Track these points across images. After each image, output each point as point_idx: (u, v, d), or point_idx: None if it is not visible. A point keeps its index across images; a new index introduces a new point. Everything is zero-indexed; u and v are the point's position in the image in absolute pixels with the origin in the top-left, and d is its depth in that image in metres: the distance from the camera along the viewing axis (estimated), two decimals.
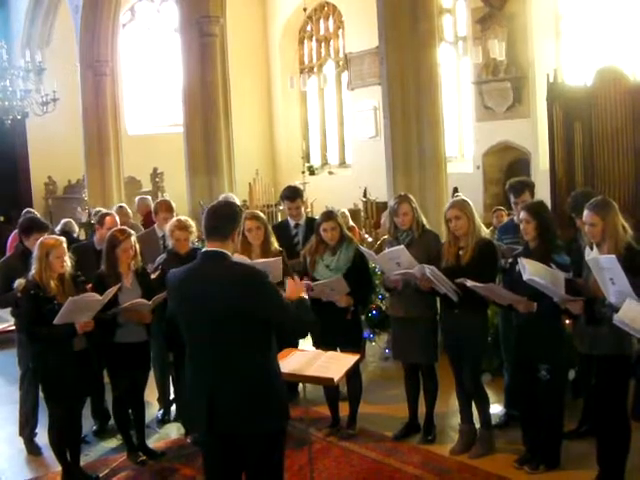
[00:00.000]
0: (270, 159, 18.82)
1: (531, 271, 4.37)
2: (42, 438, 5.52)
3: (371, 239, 9.38)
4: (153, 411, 6.18)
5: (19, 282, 5.03)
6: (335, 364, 4.18)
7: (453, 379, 5.26)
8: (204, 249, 3.56)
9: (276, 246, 5.72)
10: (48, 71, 13.10)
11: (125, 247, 5.15)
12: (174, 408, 6.20)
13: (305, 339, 5.93)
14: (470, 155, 14.54)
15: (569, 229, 5.48)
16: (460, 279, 4.80)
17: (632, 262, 4.10)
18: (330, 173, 18.08)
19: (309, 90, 18.41)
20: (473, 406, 5.23)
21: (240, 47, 16.12)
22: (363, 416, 5.72)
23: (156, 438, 5.82)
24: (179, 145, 12.41)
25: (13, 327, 5.96)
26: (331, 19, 17.98)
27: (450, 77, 14.35)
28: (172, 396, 6.28)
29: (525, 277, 4.39)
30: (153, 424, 6.04)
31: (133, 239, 5.23)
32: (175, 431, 5.94)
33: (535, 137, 12.70)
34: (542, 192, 7.17)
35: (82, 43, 13.83)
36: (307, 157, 18.49)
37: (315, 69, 18.46)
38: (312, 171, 17.91)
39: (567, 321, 4.90)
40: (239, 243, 5.19)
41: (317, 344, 5.44)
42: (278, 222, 9.40)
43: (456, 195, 9.30)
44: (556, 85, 7.90)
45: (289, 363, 4.07)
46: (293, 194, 6.71)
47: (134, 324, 5.17)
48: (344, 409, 5.69)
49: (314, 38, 18.49)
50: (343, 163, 18.06)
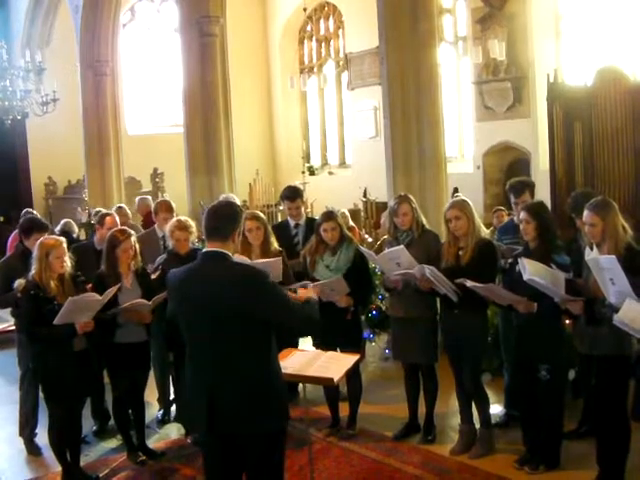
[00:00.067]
0: (270, 159, 18.82)
1: (531, 271, 4.36)
2: (42, 438, 5.52)
3: (371, 239, 9.37)
4: (153, 411, 6.18)
5: (19, 282, 5.03)
6: (335, 364, 4.18)
7: (453, 379, 5.26)
8: (204, 249, 3.56)
9: (276, 246, 5.72)
10: (48, 71, 13.09)
11: (125, 247, 5.16)
12: (174, 408, 6.19)
13: (305, 339, 5.95)
14: (470, 155, 14.54)
15: (569, 229, 5.48)
16: (460, 279, 4.79)
17: (632, 262, 4.10)
18: (330, 173, 18.08)
19: (309, 90, 18.41)
20: (473, 406, 5.23)
21: (240, 47, 16.12)
22: (363, 416, 5.72)
23: (156, 438, 5.82)
24: (179, 145, 12.41)
25: (13, 327, 5.96)
26: (331, 19, 17.99)
27: (450, 77, 14.35)
28: (172, 396, 6.28)
29: (525, 277, 4.39)
30: (153, 424, 6.04)
31: (133, 239, 5.23)
32: (175, 431, 5.94)
33: (535, 137, 12.70)
34: (542, 192, 7.17)
35: (82, 43, 13.83)
36: (307, 157, 18.49)
37: (315, 69, 18.45)
38: (312, 171, 17.91)
39: (567, 321, 4.89)
40: (239, 243, 5.19)
41: (317, 344, 5.44)
42: (278, 222, 9.40)
43: (456, 195, 9.30)
44: (556, 85, 7.89)
45: (289, 363, 4.07)
46: (293, 194, 6.71)
47: (134, 324, 5.18)
48: (344, 409, 5.69)
49: (314, 38, 18.48)
50: (343, 163, 18.06)
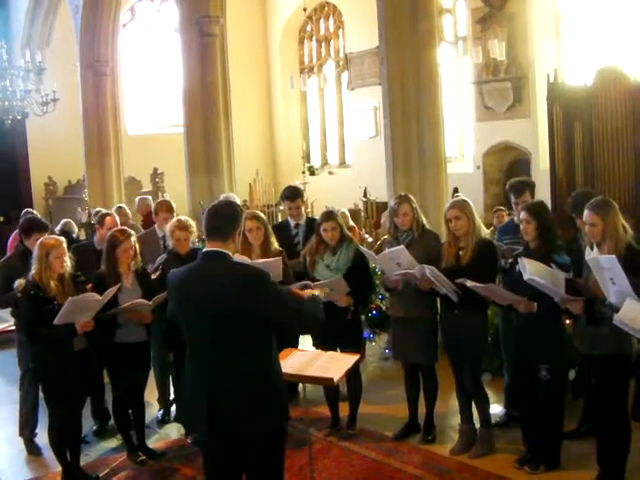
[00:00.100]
0: (270, 159, 18.82)
1: (531, 271, 4.36)
2: (42, 438, 5.52)
3: (371, 239, 9.37)
4: (153, 411, 6.18)
5: (19, 282, 5.03)
6: (335, 364, 4.17)
7: (453, 379, 5.26)
8: (205, 249, 3.56)
9: (276, 246, 5.71)
10: (48, 71, 13.09)
11: (125, 247, 5.16)
12: (174, 408, 6.19)
13: (305, 339, 5.95)
14: (470, 155, 14.54)
15: (569, 229, 5.48)
16: (460, 279, 4.79)
17: (632, 262, 4.10)
18: (330, 173, 18.08)
19: (309, 90, 18.41)
20: (473, 406, 5.23)
21: (240, 47, 16.12)
22: (363, 416, 5.71)
23: (156, 438, 5.82)
24: (179, 145, 12.41)
25: (13, 327, 5.96)
26: (331, 19, 17.98)
27: (450, 77, 14.35)
28: (172, 396, 6.28)
29: (525, 277, 4.39)
30: (153, 424, 6.04)
31: (133, 239, 5.23)
32: (175, 431, 5.94)
33: (535, 137, 12.70)
34: (542, 192, 7.17)
35: (82, 43, 13.84)
36: (307, 157, 18.48)
37: (315, 69, 18.45)
38: (312, 171, 17.91)
39: (567, 321, 4.89)
40: (239, 243, 5.19)
41: (317, 344, 5.44)
42: (278, 222, 9.40)
43: (456, 195, 9.30)
44: (556, 85, 7.90)
45: (289, 363, 4.07)
46: (293, 194, 6.71)
47: (134, 324, 5.17)
48: (344, 409, 5.69)
49: (314, 38, 18.48)
50: (343, 163, 18.06)
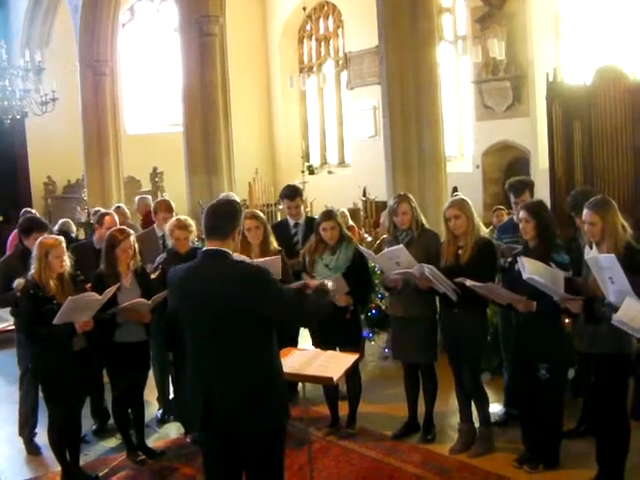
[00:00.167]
0: (270, 158, 18.81)
1: (531, 270, 4.36)
2: (42, 438, 5.51)
3: (370, 238, 9.37)
4: (153, 410, 6.18)
5: (18, 282, 5.02)
6: (334, 363, 4.18)
7: (452, 378, 5.26)
8: (205, 247, 3.56)
9: (275, 245, 5.71)
10: (47, 71, 13.10)
11: (124, 247, 5.15)
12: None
13: (304, 338, 5.95)
14: (470, 154, 14.55)
15: (568, 228, 5.48)
16: (459, 278, 4.79)
17: (631, 261, 4.10)
18: (329, 172, 18.08)
19: (308, 89, 18.42)
20: (472, 405, 5.23)
21: (240, 46, 16.12)
22: (363, 415, 5.71)
23: (156, 437, 5.82)
24: (179, 145, 12.41)
25: (12, 327, 5.96)
26: (331, 18, 17.99)
27: (450, 76, 14.35)
28: (172, 395, 6.28)
29: (525, 276, 4.39)
30: (153, 423, 6.04)
31: (132, 239, 5.23)
32: (175, 430, 5.94)
33: (535, 136, 12.71)
34: (542, 191, 7.17)
35: (81, 43, 13.85)
36: (306, 156, 18.49)
37: (315, 68, 18.45)
38: (311, 170, 17.91)
39: (567, 320, 4.90)
40: (239, 242, 5.19)
41: (316, 343, 5.44)
42: (277, 221, 9.39)
43: (455, 194, 9.29)
44: (555, 84, 7.90)
45: (288, 362, 4.06)
46: (292, 193, 6.70)
47: (133, 324, 5.17)
48: (344, 408, 5.69)
49: (314, 37, 18.49)
50: (342, 162, 18.06)
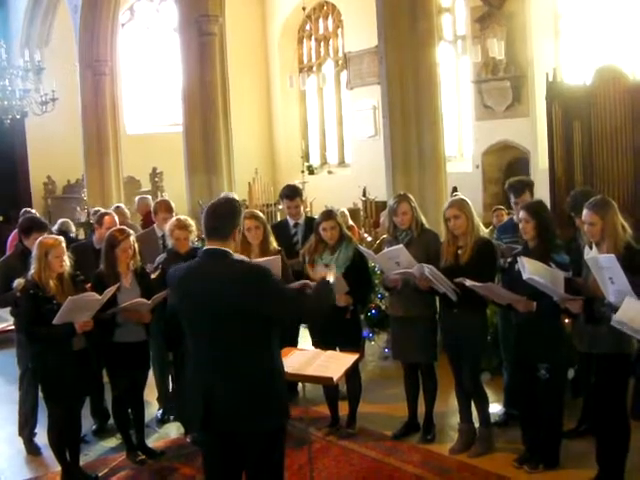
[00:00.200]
0: (269, 158, 18.80)
1: (531, 270, 4.36)
2: (41, 438, 5.51)
3: (370, 238, 9.35)
4: (152, 410, 6.17)
5: (18, 282, 5.02)
6: (334, 363, 4.17)
7: (452, 378, 5.26)
8: (205, 247, 3.56)
9: (275, 245, 5.71)
10: (47, 71, 13.09)
11: (124, 247, 5.15)
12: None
13: (304, 338, 5.95)
14: (469, 154, 14.54)
15: (568, 228, 5.48)
16: (459, 278, 4.79)
17: (631, 261, 4.10)
18: (329, 172, 18.07)
19: (308, 89, 18.41)
20: (472, 405, 5.23)
21: (239, 46, 16.12)
22: (363, 415, 5.71)
23: (155, 437, 5.82)
24: (178, 144, 12.40)
25: (12, 327, 5.96)
26: (330, 18, 17.98)
27: (449, 76, 14.34)
28: (171, 389, 6.27)
29: (525, 276, 4.38)
30: (152, 423, 6.04)
31: (132, 239, 5.23)
32: (174, 430, 5.94)
33: (534, 136, 12.70)
34: (541, 191, 7.16)
35: (81, 42, 13.83)
36: (306, 156, 18.47)
37: (314, 68, 18.44)
38: (311, 170, 17.91)
39: (566, 320, 4.90)
40: (239, 242, 5.18)
41: (316, 343, 5.44)
42: (277, 221, 9.39)
43: (455, 194, 9.29)
44: (555, 84, 7.90)
45: (288, 362, 4.05)
46: (292, 193, 6.70)
47: (133, 324, 5.17)
48: (344, 408, 5.69)
49: (313, 37, 18.48)
50: (342, 162, 18.05)
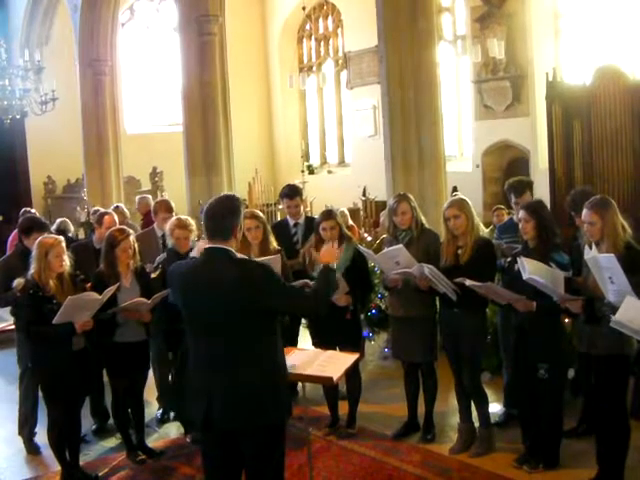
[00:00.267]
0: (269, 158, 18.80)
1: (530, 270, 4.36)
2: (41, 437, 5.51)
3: (370, 238, 9.35)
4: (152, 410, 6.17)
5: (18, 281, 5.02)
6: (334, 363, 4.17)
7: (452, 378, 5.26)
8: (207, 246, 3.56)
9: (275, 245, 5.71)
10: (47, 70, 13.08)
11: (124, 247, 5.15)
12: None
13: (304, 338, 5.95)
14: (469, 154, 14.54)
15: (568, 228, 5.49)
16: (459, 278, 4.79)
17: (631, 261, 4.10)
18: (329, 172, 18.07)
19: (308, 89, 18.41)
20: (472, 405, 5.23)
21: (239, 46, 16.11)
22: (362, 415, 5.71)
23: (155, 437, 5.82)
24: (178, 144, 12.40)
25: (12, 326, 5.95)
26: (330, 18, 17.98)
27: (449, 76, 14.34)
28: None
29: (525, 276, 4.38)
30: (152, 423, 6.04)
31: (132, 238, 5.23)
32: (174, 430, 5.94)
33: (534, 136, 12.71)
34: (541, 191, 7.17)
35: (81, 42, 13.84)
36: (306, 156, 18.47)
37: (314, 68, 18.44)
38: (311, 170, 17.91)
39: (566, 320, 4.90)
40: (239, 241, 5.18)
41: (316, 343, 5.44)
42: (277, 221, 9.39)
43: (455, 194, 9.29)
44: (555, 84, 7.91)
45: (288, 362, 4.05)
46: (292, 192, 6.70)
47: (133, 324, 5.17)
48: (343, 408, 5.69)
49: (313, 37, 18.48)
50: (342, 162, 18.05)
